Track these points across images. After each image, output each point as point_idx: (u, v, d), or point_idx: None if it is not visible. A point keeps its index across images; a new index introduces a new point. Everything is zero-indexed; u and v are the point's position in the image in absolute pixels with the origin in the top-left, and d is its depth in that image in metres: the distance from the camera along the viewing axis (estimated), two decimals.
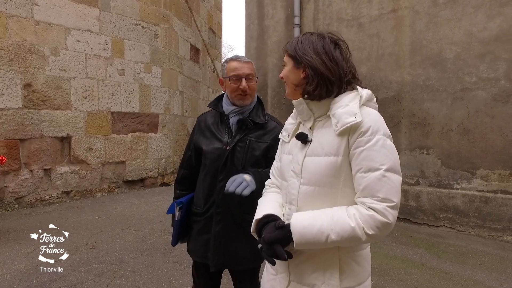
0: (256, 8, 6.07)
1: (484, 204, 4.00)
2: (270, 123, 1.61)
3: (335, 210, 0.97)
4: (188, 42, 8.04)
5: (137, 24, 6.36)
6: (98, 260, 3.12)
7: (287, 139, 1.19)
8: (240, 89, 1.53)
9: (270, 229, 1.02)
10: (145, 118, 6.46)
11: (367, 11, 4.87)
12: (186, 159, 1.71)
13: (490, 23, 3.99)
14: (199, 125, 1.67)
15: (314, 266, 1.02)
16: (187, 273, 2.90)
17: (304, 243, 0.94)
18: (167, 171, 6.95)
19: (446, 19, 4.22)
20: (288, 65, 1.11)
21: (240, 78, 1.52)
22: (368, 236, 0.90)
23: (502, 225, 3.94)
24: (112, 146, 5.94)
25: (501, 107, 3.92)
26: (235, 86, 1.54)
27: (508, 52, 3.89)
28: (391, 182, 0.92)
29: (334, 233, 0.92)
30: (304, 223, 0.95)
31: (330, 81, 1.02)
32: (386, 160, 0.93)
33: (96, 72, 5.74)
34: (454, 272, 3.05)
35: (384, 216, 0.90)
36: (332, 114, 1.02)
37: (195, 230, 1.62)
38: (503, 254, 3.52)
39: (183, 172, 1.72)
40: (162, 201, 5.42)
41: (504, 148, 3.91)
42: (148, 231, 3.97)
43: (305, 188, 1.03)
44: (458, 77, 4.14)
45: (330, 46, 1.06)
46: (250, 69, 1.56)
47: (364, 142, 0.95)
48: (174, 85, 7.21)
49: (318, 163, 1.01)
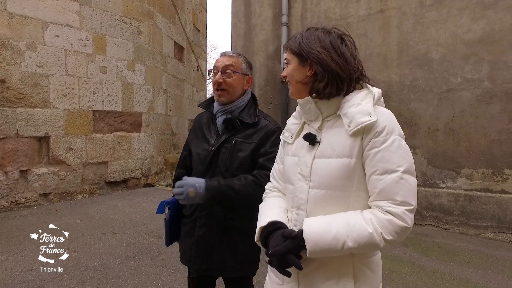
0: (243, 6, 5.99)
1: (468, 203, 4.09)
2: (261, 122, 1.49)
3: (350, 215, 0.91)
4: (172, 39, 7.86)
5: (120, 20, 6.14)
6: (80, 267, 2.96)
7: (291, 140, 1.12)
8: (215, 83, 1.44)
9: (278, 239, 0.95)
10: (128, 117, 6.25)
11: (355, 11, 4.88)
12: (182, 159, 1.69)
13: (474, 25, 4.07)
14: (194, 125, 1.64)
15: (327, 274, 0.96)
16: (176, 278, 2.80)
17: (319, 251, 0.88)
18: (151, 171, 6.76)
19: (432, 21, 4.28)
20: (292, 62, 1.04)
21: (217, 70, 1.45)
22: (387, 241, 0.85)
23: (485, 222, 4.03)
24: (94, 146, 5.71)
25: (485, 107, 4.01)
26: (213, 80, 1.47)
27: (491, 54, 3.98)
28: (409, 185, 0.87)
29: (350, 240, 0.86)
30: (319, 230, 0.89)
31: (341, 78, 0.96)
32: (403, 161, 0.88)
33: (77, 69, 5.50)
34: (443, 270, 3.08)
35: (402, 220, 0.85)
36: (343, 113, 0.96)
37: (182, 233, 1.58)
38: (486, 251, 3.60)
39: (180, 171, 1.68)
40: (147, 202, 5.26)
41: (487, 148, 4.01)
42: (133, 234, 3.82)
43: (315, 191, 0.97)
44: (444, 77, 4.20)
45: (337, 41, 1.00)
46: (230, 62, 1.45)
47: (380, 143, 0.89)
48: (158, 84, 7.03)
49: (329, 165, 0.95)
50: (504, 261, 3.35)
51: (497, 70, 3.95)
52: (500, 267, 3.19)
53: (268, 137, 1.46)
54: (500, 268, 3.18)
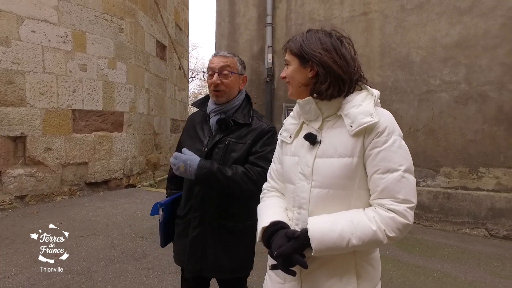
0: (228, 6, 5.97)
1: (447, 200, 4.25)
2: (254, 122, 1.49)
3: (353, 213, 0.93)
4: (154, 38, 7.72)
5: (100, 16, 5.97)
6: (62, 271, 2.86)
7: (289, 140, 1.12)
8: (212, 84, 1.44)
9: (282, 239, 0.95)
10: (110, 117, 6.09)
11: (339, 12, 4.97)
12: None
13: (452, 30, 4.24)
14: (187, 124, 1.63)
15: (330, 272, 0.97)
16: (163, 280, 2.75)
17: (324, 249, 0.90)
18: (133, 172, 6.61)
19: (413, 24, 4.43)
20: (293, 64, 1.05)
21: (213, 72, 1.44)
22: (389, 238, 0.88)
23: (461, 219, 4.21)
24: (74, 146, 5.52)
25: (462, 109, 4.19)
26: (209, 82, 1.46)
27: (467, 58, 4.16)
28: (409, 183, 0.90)
29: (355, 238, 0.88)
30: (324, 229, 0.90)
31: (342, 80, 0.98)
32: (404, 161, 0.91)
33: (55, 67, 5.30)
34: (424, 265, 3.20)
35: (404, 218, 0.88)
36: (344, 114, 0.98)
37: (176, 233, 1.58)
38: (463, 246, 3.76)
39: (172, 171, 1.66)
40: (129, 203, 5.14)
41: (464, 147, 4.18)
42: (117, 236, 3.73)
43: (317, 191, 0.98)
44: (424, 79, 4.35)
45: (338, 43, 1.02)
46: (226, 63, 1.45)
47: (381, 143, 0.92)
48: (140, 83, 6.88)
49: (332, 165, 0.96)
50: (479, 254, 3.51)
51: (473, 73, 4.13)
52: (476, 261, 3.34)
53: (261, 137, 1.46)
54: (476, 261, 3.33)
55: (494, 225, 4.04)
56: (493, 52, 4.02)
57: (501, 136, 4.00)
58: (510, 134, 3.96)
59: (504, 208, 3.99)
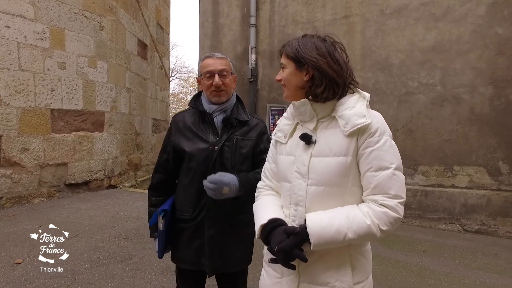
0: (211, 6, 5.97)
1: (424, 197, 4.45)
2: (252, 120, 1.59)
3: (348, 209, 0.99)
4: (135, 36, 7.59)
5: (80, 13, 5.81)
6: (44, 275, 2.78)
7: (284, 140, 1.17)
8: (214, 85, 1.48)
9: (281, 235, 0.99)
10: (90, 116, 5.94)
11: (321, 15, 5.09)
12: (162, 163, 1.60)
13: (428, 34, 4.44)
14: (176, 125, 1.57)
15: (326, 264, 1.03)
16: (151, 281, 2.74)
17: (322, 243, 0.95)
18: (114, 172, 6.48)
19: (392, 28, 4.60)
20: (289, 67, 1.09)
21: (213, 74, 1.48)
22: (382, 232, 0.94)
23: (438, 215, 4.42)
24: (52, 146, 5.35)
25: (438, 110, 4.39)
26: (208, 83, 1.49)
27: (442, 62, 4.37)
28: (400, 180, 0.97)
29: (351, 232, 0.94)
30: (322, 224, 0.95)
31: (337, 83, 1.03)
32: (395, 159, 0.98)
33: (32, 64, 5.12)
34: (405, 260, 3.34)
35: (396, 212, 0.95)
36: (339, 115, 1.03)
37: (184, 238, 1.52)
38: (440, 240, 3.95)
39: (159, 177, 1.61)
40: (112, 204, 5.04)
41: (440, 147, 4.39)
42: (100, 238, 3.66)
43: (314, 188, 1.03)
44: (403, 81, 4.53)
45: (332, 48, 1.07)
46: (223, 65, 1.51)
47: (374, 143, 0.98)
48: (121, 82, 6.75)
49: (327, 163, 1.01)
50: (454, 248, 3.71)
51: (448, 76, 4.34)
52: (451, 255, 3.53)
53: (263, 134, 1.58)
54: (451, 255, 3.51)
55: (467, 220, 4.27)
56: (466, 57, 4.25)
57: (473, 136, 4.24)
58: (481, 134, 4.20)
59: (476, 204, 4.23)
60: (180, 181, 1.57)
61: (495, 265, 3.27)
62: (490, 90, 4.15)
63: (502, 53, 4.10)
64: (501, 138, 4.12)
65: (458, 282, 2.89)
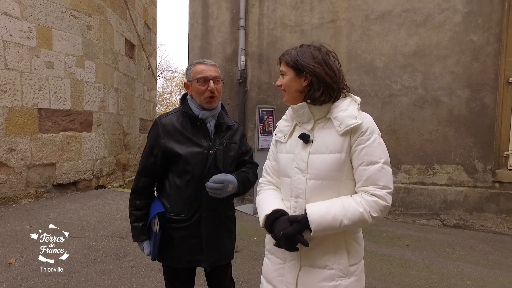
0: (201, 8, 6.04)
1: (407, 194, 4.68)
2: (234, 124, 1.71)
3: (343, 199, 1.12)
4: (123, 36, 7.57)
5: (67, 12, 5.77)
6: (40, 274, 2.80)
7: (284, 139, 1.29)
8: (209, 91, 1.53)
9: (284, 223, 1.11)
10: (78, 116, 5.90)
11: (309, 19, 5.25)
12: (148, 166, 1.58)
13: (410, 40, 4.67)
14: (165, 129, 1.55)
15: (325, 249, 1.16)
16: (148, 277, 2.81)
17: (321, 229, 1.07)
18: (102, 172, 6.45)
19: (376, 33, 4.81)
20: (289, 74, 1.21)
21: (208, 80, 1.53)
22: (373, 218, 1.08)
23: (419, 211, 4.65)
24: (40, 146, 5.30)
25: (419, 111, 4.63)
26: (203, 89, 1.53)
27: (423, 66, 4.61)
28: (388, 173, 1.11)
29: (346, 219, 1.07)
30: (320, 213, 1.08)
31: (332, 88, 1.17)
32: (383, 155, 1.12)
33: (19, 63, 5.05)
34: (389, 254, 3.53)
35: (385, 201, 1.08)
36: (333, 117, 1.16)
37: (178, 237, 1.55)
38: (421, 235, 4.18)
39: (145, 180, 1.59)
40: (102, 204, 5.04)
41: (421, 146, 4.63)
42: (93, 237, 3.69)
43: (312, 182, 1.16)
44: (386, 84, 4.75)
45: (326, 57, 1.20)
46: (217, 72, 1.58)
47: (365, 141, 1.12)
48: (109, 82, 6.72)
49: (324, 159, 1.14)
50: (435, 242, 3.93)
51: (428, 80, 4.59)
52: (432, 248, 3.75)
53: (243, 137, 1.74)
54: (432, 248, 3.73)
55: (446, 216, 4.53)
56: (444, 62, 4.50)
57: (452, 136, 4.49)
58: (459, 134, 4.46)
59: (454, 200, 4.48)
60: (171, 183, 1.57)
61: (471, 256, 3.51)
62: (467, 93, 4.42)
63: (476, 58, 4.37)
64: (476, 138, 4.39)
65: (438, 272, 3.10)
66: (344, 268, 1.15)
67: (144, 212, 1.60)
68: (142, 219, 1.59)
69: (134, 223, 1.60)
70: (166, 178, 1.60)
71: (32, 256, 3.16)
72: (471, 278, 2.98)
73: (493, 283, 2.90)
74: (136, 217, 1.60)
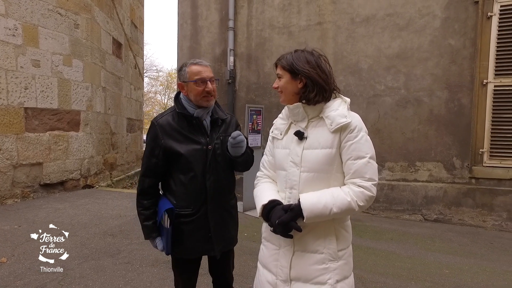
0: (190, 8, 6.09)
1: (391, 191, 4.89)
2: (227, 116, 1.79)
3: (333, 190, 1.24)
4: (110, 35, 7.52)
5: (54, 10, 5.71)
6: (34, 271, 2.82)
7: (280, 136, 1.41)
8: (206, 91, 1.61)
9: (279, 212, 1.23)
10: (66, 116, 5.85)
11: (297, 21, 5.40)
12: (151, 167, 1.64)
13: (393, 42, 4.88)
14: (163, 129, 1.61)
15: (316, 235, 1.27)
16: (142, 272, 2.87)
17: (313, 217, 1.19)
18: (90, 172, 6.41)
19: (361, 35, 5.00)
20: (285, 77, 1.33)
21: (205, 81, 1.61)
22: (360, 207, 1.21)
23: (402, 206, 4.87)
24: (26, 146, 5.23)
25: (402, 111, 4.85)
26: (200, 89, 1.60)
27: (406, 67, 4.83)
28: (373, 166, 1.24)
29: (335, 207, 1.19)
30: (312, 201, 1.20)
31: (325, 89, 1.29)
32: (369, 150, 1.24)
33: (4, 61, 4.97)
34: (374, 247, 3.71)
35: (370, 191, 1.21)
36: (325, 116, 1.28)
37: (187, 231, 1.63)
38: (404, 229, 4.39)
39: (149, 180, 1.66)
40: (91, 204, 5.03)
41: (404, 145, 4.85)
42: (85, 235, 3.70)
43: (305, 174, 1.27)
44: (371, 84, 4.94)
45: (319, 60, 1.32)
46: (211, 72, 1.68)
47: (353, 137, 1.24)
48: (96, 81, 6.68)
49: (316, 154, 1.26)
50: (417, 235, 4.14)
51: (410, 81, 4.81)
52: (414, 241, 3.95)
53: (237, 127, 1.83)
54: (414, 241, 3.93)
55: (427, 211, 4.76)
56: (425, 64, 4.73)
57: (432, 135, 4.73)
58: (439, 133, 4.70)
59: (435, 196, 4.72)
60: (176, 181, 1.64)
61: (449, 248, 3.73)
62: (446, 94, 4.66)
63: (454, 61, 4.61)
64: (455, 137, 4.64)
65: (419, 263, 3.29)
66: (333, 253, 1.27)
67: (153, 210, 1.67)
68: (151, 217, 1.66)
69: (144, 222, 1.67)
70: (170, 176, 1.66)
71: (24, 255, 3.16)
72: (449, 267, 3.18)
73: (468, 271, 3.11)
74: (146, 216, 1.66)
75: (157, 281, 2.72)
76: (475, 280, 2.93)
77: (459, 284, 2.86)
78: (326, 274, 1.25)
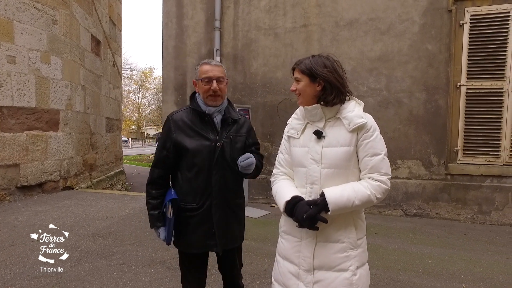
0: (175, 7, 6.04)
1: None
2: (240, 118, 1.85)
3: (353, 184, 1.33)
4: (89, 32, 7.29)
5: (30, 4, 5.48)
6: (25, 276, 2.73)
7: (297, 135, 1.49)
8: (212, 90, 1.67)
9: (304, 207, 1.31)
10: (44, 115, 5.61)
11: (282, 23, 5.50)
12: (161, 159, 1.72)
13: (375, 45, 5.11)
14: (176, 124, 1.69)
15: (337, 226, 1.37)
16: (140, 273, 2.85)
17: (337, 209, 1.28)
18: (70, 173, 6.18)
19: (345, 38, 5.18)
20: (303, 80, 1.41)
21: (211, 80, 1.67)
22: (377, 199, 1.31)
23: (384, 202, 5.10)
24: (2, 146, 4.98)
25: (383, 111, 5.08)
26: (206, 88, 1.68)
27: (387, 70, 5.07)
28: (387, 162, 1.35)
29: (357, 200, 1.29)
30: (336, 195, 1.29)
31: (342, 92, 1.38)
32: (383, 148, 1.36)
33: None
34: None
35: (386, 185, 1.32)
36: (343, 116, 1.37)
37: (191, 225, 1.69)
38: (387, 224, 4.61)
39: (158, 171, 1.73)
40: (74, 205, 4.87)
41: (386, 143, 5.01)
42: (74, 238, 3.60)
43: (326, 171, 1.36)
44: (354, 86, 5.13)
45: (335, 65, 1.42)
46: (221, 72, 1.72)
47: (369, 136, 1.34)
48: (76, 79, 6.46)
49: (336, 152, 1.35)
50: (399, 229, 4.37)
51: (391, 82, 5.05)
52: (397, 234, 4.17)
53: (251, 130, 1.87)
54: (397, 235, 4.15)
55: (408, 206, 5.02)
56: (405, 67, 4.99)
57: (412, 134, 4.99)
58: (418, 132, 4.97)
59: (414, 192, 4.99)
60: (183, 175, 1.70)
61: (430, 240, 3.97)
62: (424, 96, 4.94)
63: (431, 65, 4.90)
64: (432, 136, 4.93)
65: (404, 254, 3.48)
66: (353, 241, 1.37)
67: (160, 201, 1.72)
68: (158, 207, 1.71)
69: (150, 211, 1.72)
70: (179, 170, 1.72)
71: (10, 260, 3.04)
72: (432, 258, 3.40)
73: (448, 260, 3.34)
74: (153, 205, 1.72)
75: (156, 281, 2.72)
76: (455, 268, 3.15)
77: (442, 272, 3.06)
78: (347, 261, 1.35)
